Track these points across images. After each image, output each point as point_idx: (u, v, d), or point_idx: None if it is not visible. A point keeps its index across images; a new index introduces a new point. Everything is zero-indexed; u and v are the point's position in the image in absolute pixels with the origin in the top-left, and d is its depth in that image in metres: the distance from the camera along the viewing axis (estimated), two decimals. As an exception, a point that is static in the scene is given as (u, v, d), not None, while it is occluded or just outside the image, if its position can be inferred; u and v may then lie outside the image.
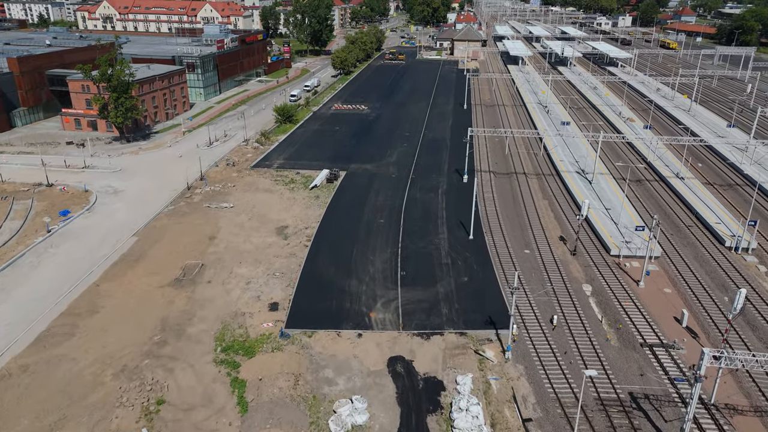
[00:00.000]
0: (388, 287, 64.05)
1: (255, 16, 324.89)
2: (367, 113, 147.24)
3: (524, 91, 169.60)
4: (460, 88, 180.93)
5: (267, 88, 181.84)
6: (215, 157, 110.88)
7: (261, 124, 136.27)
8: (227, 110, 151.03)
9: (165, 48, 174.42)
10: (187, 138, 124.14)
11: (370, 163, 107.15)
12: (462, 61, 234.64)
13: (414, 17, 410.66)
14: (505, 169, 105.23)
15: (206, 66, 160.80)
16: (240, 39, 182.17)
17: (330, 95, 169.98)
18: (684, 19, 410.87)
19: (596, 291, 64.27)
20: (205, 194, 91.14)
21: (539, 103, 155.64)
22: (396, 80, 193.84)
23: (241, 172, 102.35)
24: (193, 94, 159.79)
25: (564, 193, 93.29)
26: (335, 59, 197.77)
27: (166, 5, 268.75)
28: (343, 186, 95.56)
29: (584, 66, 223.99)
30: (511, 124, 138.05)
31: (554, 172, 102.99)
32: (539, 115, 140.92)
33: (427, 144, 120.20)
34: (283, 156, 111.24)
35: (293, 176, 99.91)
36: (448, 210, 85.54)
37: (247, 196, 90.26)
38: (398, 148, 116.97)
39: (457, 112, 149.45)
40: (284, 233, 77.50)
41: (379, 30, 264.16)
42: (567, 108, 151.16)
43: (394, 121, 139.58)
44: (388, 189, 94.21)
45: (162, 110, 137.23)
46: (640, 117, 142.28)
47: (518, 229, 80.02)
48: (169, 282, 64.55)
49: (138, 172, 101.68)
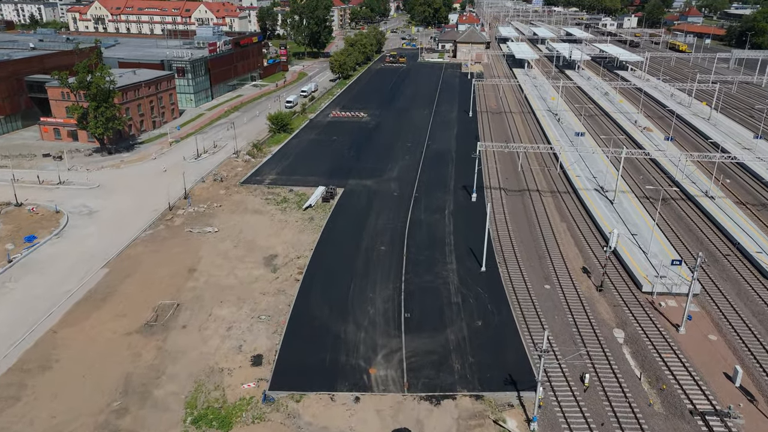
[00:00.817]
0: (391, 333, 55.60)
1: (252, 16, 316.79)
2: (367, 121, 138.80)
3: (532, 98, 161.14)
4: (464, 93, 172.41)
5: (262, 93, 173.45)
6: (202, 171, 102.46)
7: (254, 134, 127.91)
8: (219, 118, 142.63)
9: (155, 51, 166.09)
10: (174, 149, 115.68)
11: (370, 179, 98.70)
12: (465, 64, 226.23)
13: (415, 18, 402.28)
14: (517, 185, 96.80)
15: (197, 70, 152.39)
16: (234, 41, 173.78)
17: (328, 101, 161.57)
18: (690, 19, 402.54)
19: (630, 338, 55.80)
20: (188, 216, 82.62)
21: (549, 110, 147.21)
22: (397, 85, 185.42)
23: (230, 189, 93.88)
24: (183, 101, 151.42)
25: (583, 214, 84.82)
26: (334, 63, 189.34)
27: (160, 6, 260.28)
28: (341, 206, 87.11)
29: (593, 69, 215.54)
30: (520, 133, 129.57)
31: (570, 190, 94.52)
32: (550, 124, 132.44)
33: (430, 156, 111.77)
34: (275, 170, 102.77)
35: (286, 194, 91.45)
36: (456, 235, 77.06)
37: (234, 219, 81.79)
38: (400, 161, 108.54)
39: (462, 119, 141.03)
40: (273, 264, 69.03)
41: (380, 31, 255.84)
42: (579, 116, 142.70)
43: (396, 129, 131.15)
44: (389, 209, 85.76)
45: (148, 119, 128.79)
46: (658, 126, 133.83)
47: (535, 258, 71.56)
48: (138, 327, 56.04)
49: (117, 189, 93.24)
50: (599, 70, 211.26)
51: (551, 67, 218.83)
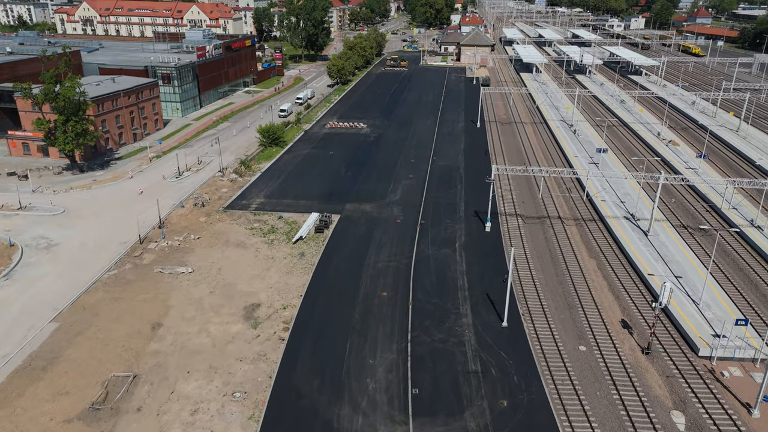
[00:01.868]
0: (395, 418, 44.80)
1: (248, 17, 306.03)
2: (367, 133, 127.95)
3: (544, 106, 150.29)
4: (470, 100, 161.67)
5: (255, 100, 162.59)
6: (183, 192, 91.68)
7: (243, 147, 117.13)
8: (206, 128, 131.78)
9: (140, 56, 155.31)
10: (154, 166, 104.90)
11: (370, 202, 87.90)
12: (470, 68, 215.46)
13: (416, 19, 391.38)
14: (535, 210, 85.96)
15: (184, 77, 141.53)
16: (225, 46, 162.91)
17: (324, 109, 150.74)
18: (699, 20, 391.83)
19: (693, 424, 44.99)
20: (160, 251, 71.77)
21: (563, 120, 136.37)
22: (398, 91, 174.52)
23: (211, 215, 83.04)
24: (168, 110, 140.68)
25: (614, 249, 73.93)
26: (331, 68, 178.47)
27: (150, 7, 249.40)
28: (336, 237, 76.29)
29: (605, 74, 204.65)
30: (534, 147, 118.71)
31: (596, 217, 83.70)
32: (566, 137, 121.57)
33: (437, 174, 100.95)
34: (264, 192, 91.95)
35: (274, 222, 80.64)
36: (471, 276, 66.27)
37: (213, 255, 70.96)
38: (403, 181, 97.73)
39: (470, 131, 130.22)
40: (255, 316, 58.22)
41: (380, 34, 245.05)
42: (595, 126, 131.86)
43: (398, 143, 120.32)
44: (391, 242, 74.95)
45: (128, 131, 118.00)
46: (683, 139, 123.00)
47: (564, 307, 60.72)
48: (81, 411, 45.22)
49: (84, 216, 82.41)
50: (613, 76, 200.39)
51: (560, 71, 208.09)
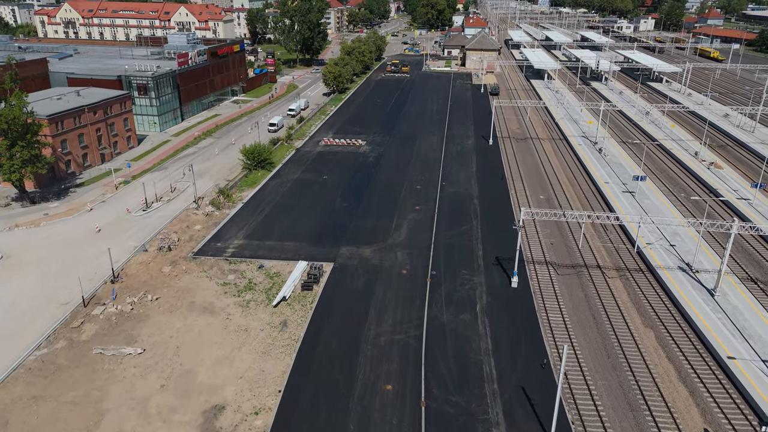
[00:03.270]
0: None
1: (242, 19, 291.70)
2: (366, 152, 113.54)
3: (561, 119, 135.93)
4: (478, 111, 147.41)
5: (243, 111, 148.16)
6: (148, 230, 77.35)
7: (225, 170, 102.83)
8: (186, 146, 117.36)
9: (117, 64, 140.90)
10: (120, 194, 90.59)
11: (370, 245, 73.55)
12: (476, 74, 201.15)
13: (416, 20, 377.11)
14: (569, 256, 71.57)
15: (162, 87, 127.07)
16: (210, 52, 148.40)
17: (319, 123, 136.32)
18: (710, 22, 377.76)
19: None
20: (105, 320, 57.35)
21: (584, 136, 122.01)
22: (400, 100, 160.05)
23: (177, 264, 68.67)
24: (145, 124, 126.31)
25: (674, 314, 59.54)
26: (327, 75, 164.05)
27: (136, 8, 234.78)
28: (327, 297, 61.91)
29: (622, 81, 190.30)
30: (556, 170, 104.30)
31: (643, 267, 69.36)
32: (591, 158, 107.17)
33: (448, 206, 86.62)
34: (243, 231, 77.54)
35: (253, 273, 66.29)
36: (500, 358, 51.81)
37: (172, 325, 56.56)
38: (408, 215, 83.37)
39: (481, 149, 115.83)
40: (216, 429, 43.81)
41: (380, 37, 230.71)
42: (622, 144, 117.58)
43: (401, 164, 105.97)
44: (397, 303, 60.63)
45: (94, 151, 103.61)
46: (723, 159, 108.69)
47: (626, 409, 46.31)
48: None
49: (24, 264, 68.07)
50: (631, 83, 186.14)
51: (573, 77, 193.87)
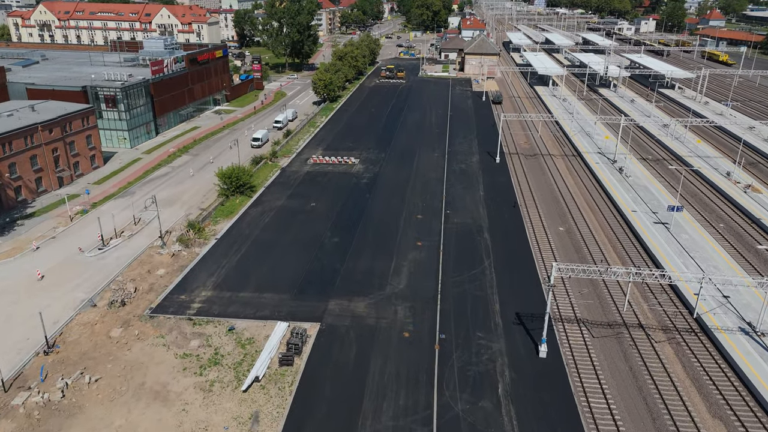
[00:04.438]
0: None
1: (229, 20, 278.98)
2: (359, 172, 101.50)
3: (573, 133, 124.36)
4: (481, 121, 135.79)
5: (226, 123, 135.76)
6: (101, 277, 65.13)
7: (200, 195, 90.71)
8: (159, 165, 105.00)
9: (86, 72, 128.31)
10: (75, 228, 78.25)
11: (364, 296, 61.57)
12: (476, 80, 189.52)
13: (411, 21, 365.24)
14: (602, 311, 59.82)
15: (133, 99, 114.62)
16: (188, 58, 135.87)
17: (308, 137, 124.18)
18: (713, 23, 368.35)
19: None
20: (26, 417, 44.93)
21: (600, 153, 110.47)
22: (396, 110, 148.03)
23: (130, 325, 56.45)
24: (113, 140, 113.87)
25: (742, 394, 47.94)
26: (317, 83, 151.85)
27: (115, 10, 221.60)
28: (311, 377, 49.72)
29: (631, 88, 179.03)
30: (573, 194, 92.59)
31: (696, 327, 57.69)
32: (612, 181, 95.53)
33: (454, 241, 74.72)
34: (214, 278, 65.35)
35: (220, 340, 54.12)
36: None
37: (111, 421, 44.23)
38: (409, 253, 71.43)
39: (488, 168, 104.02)
40: None
41: (373, 40, 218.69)
42: (642, 161, 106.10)
43: (399, 186, 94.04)
44: (398, 385, 48.59)
45: (50, 174, 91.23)
46: (758, 180, 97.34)
47: None
48: None
49: (-58, 327, 55.71)
50: (641, 90, 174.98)
51: (578, 83, 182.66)
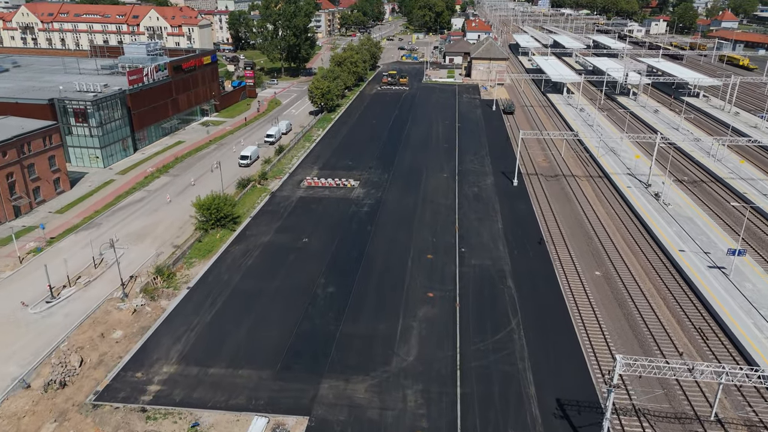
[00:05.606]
0: None
1: (224, 22, 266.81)
2: (359, 197, 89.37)
3: (599, 152, 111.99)
4: (493, 134, 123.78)
5: (213, 137, 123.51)
6: (43, 342, 53.18)
7: (175, 228, 78.68)
8: (132, 189, 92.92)
9: (58, 81, 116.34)
10: (24, 272, 66.28)
11: (365, 374, 49.37)
12: (484, 87, 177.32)
13: (413, 23, 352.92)
14: (666, 399, 47.70)
15: (107, 112, 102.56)
16: (172, 66, 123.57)
17: (302, 153, 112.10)
18: (725, 24, 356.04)
19: None
20: None
21: (630, 174, 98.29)
22: (399, 121, 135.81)
23: (66, 419, 44.31)
24: (84, 159, 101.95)
25: None
26: (314, 91, 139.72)
27: (101, 11, 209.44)
28: (296, 501, 37.83)
29: (651, 96, 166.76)
30: (606, 227, 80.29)
31: (783, 417, 45.61)
32: (649, 210, 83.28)
33: (472, 292, 62.49)
34: (180, 345, 53.17)
35: (181, 444, 42.14)
36: None
37: None
38: (419, 310, 59.29)
39: (504, 191, 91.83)
40: None
41: (375, 43, 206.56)
42: (678, 183, 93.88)
43: (404, 217, 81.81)
44: None
45: (4, 203, 79.21)
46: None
47: None
48: None
49: None
50: (664, 98, 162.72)
51: (593, 89, 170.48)
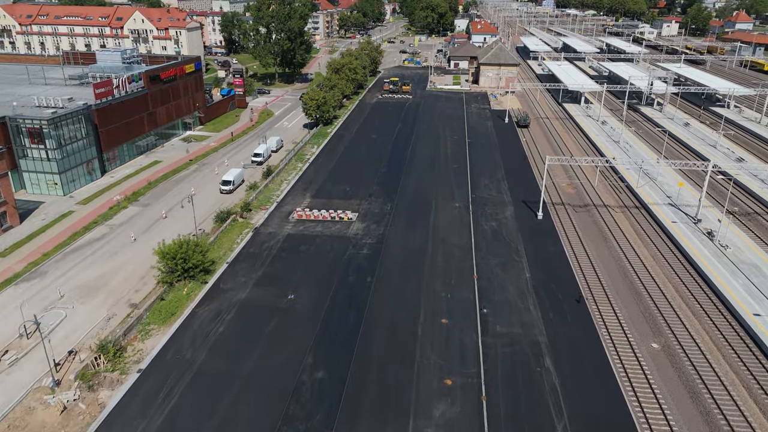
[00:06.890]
0: None
1: (216, 24, 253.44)
2: (358, 234, 75.68)
3: (630, 175, 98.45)
4: (508, 152, 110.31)
5: (193, 155, 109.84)
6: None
7: (136, 279, 65.11)
8: (93, 223, 79.34)
9: (20, 93, 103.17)
10: (-63, 345, 52.50)
11: None
12: (493, 95, 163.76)
13: (415, 24, 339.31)
14: None
15: (68, 132, 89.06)
16: (148, 75, 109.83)
17: (293, 176, 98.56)
18: (740, 26, 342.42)
19: None
20: None
21: (672, 204, 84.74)
22: (403, 136, 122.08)
23: None
24: (41, 185, 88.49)
25: None
26: (308, 103, 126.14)
27: (83, 13, 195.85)
28: None
29: (675, 103, 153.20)
30: (655, 277, 66.65)
31: None
32: (706, 254, 69.68)
33: (500, 378, 48.84)
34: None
35: None
36: None
37: None
38: (434, 409, 45.56)
39: (529, 228, 78.10)
40: None
41: (375, 47, 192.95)
42: (731, 217, 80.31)
43: (411, 264, 68.09)
44: None
45: (-70, 248, 65.61)
46: None
47: None
48: None
49: None
50: (691, 108, 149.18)
51: (612, 97, 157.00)
